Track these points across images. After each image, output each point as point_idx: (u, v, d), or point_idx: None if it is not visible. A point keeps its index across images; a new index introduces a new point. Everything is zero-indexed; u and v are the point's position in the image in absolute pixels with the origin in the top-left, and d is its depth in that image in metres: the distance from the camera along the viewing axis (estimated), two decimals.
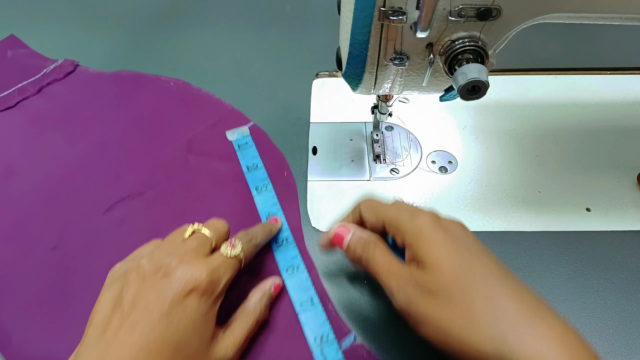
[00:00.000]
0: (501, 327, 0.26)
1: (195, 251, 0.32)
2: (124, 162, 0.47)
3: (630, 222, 0.41)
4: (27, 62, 0.58)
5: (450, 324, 0.27)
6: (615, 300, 0.37)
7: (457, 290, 0.28)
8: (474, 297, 0.27)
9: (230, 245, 0.33)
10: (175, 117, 0.51)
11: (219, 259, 0.32)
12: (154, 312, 0.28)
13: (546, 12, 0.29)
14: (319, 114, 0.51)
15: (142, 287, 0.29)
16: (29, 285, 0.38)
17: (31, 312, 0.37)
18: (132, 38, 0.62)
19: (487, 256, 0.30)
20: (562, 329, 0.27)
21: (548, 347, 0.26)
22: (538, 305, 0.28)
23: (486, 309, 0.27)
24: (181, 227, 0.35)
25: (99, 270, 0.38)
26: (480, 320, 0.27)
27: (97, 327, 0.29)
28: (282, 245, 0.40)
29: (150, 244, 0.35)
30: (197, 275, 0.30)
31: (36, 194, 0.45)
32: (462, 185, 0.44)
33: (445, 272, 0.28)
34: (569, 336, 0.27)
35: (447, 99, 0.34)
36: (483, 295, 0.27)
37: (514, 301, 0.27)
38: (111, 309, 0.29)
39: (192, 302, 0.29)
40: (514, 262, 0.39)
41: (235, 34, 0.62)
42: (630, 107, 0.51)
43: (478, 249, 0.30)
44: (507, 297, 0.28)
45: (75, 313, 0.37)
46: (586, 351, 0.27)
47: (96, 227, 0.42)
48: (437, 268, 0.28)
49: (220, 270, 0.31)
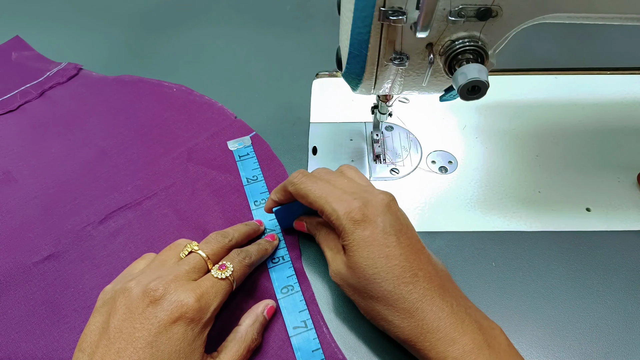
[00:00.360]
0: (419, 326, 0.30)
1: (186, 275, 0.31)
2: (122, 170, 0.46)
3: (630, 222, 0.41)
4: (30, 65, 0.58)
5: (373, 312, 0.31)
6: (615, 300, 0.37)
7: (373, 289, 0.31)
8: (391, 296, 0.30)
9: (221, 267, 0.33)
10: (176, 124, 0.50)
11: (208, 282, 0.31)
12: (139, 341, 0.28)
13: (546, 12, 0.29)
14: (319, 114, 0.51)
15: (128, 314, 0.29)
16: (20, 294, 0.38)
17: (22, 321, 0.36)
18: (134, 38, 0.62)
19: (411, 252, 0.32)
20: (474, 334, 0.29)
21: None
22: (454, 310, 0.30)
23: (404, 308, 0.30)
24: (176, 241, 0.35)
25: (92, 281, 0.39)
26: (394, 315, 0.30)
27: (85, 352, 0.29)
28: (278, 264, 0.39)
29: (143, 259, 0.34)
30: (185, 302, 0.29)
31: (33, 200, 0.44)
32: (462, 185, 0.44)
33: (360, 274, 0.31)
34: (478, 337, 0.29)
35: (447, 99, 0.34)
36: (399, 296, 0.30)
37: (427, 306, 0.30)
38: (98, 335, 0.29)
39: (178, 330, 0.28)
40: (514, 262, 0.39)
41: (236, 33, 0.62)
42: (630, 107, 0.51)
43: (401, 245, 0.31)
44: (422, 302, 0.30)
45: (67, 324, 0.36)
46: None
47: (92, 237, 0.41)
48: (355, 267, 0.31)
49: (209, 295, 0.30)
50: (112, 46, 0.61)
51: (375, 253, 0.31)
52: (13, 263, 0.40)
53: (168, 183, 0.45)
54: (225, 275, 0.32)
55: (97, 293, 0.34)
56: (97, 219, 0.42)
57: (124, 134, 0.50)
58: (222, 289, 0.32)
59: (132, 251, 0.40)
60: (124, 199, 0.44)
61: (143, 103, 0.53)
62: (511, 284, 0.38)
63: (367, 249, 0.31)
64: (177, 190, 0.44)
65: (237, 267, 0.33)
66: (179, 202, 0.43)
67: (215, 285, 0.31)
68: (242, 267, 0.34)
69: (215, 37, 0.61)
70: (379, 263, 0.30)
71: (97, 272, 0.39)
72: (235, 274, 0.33)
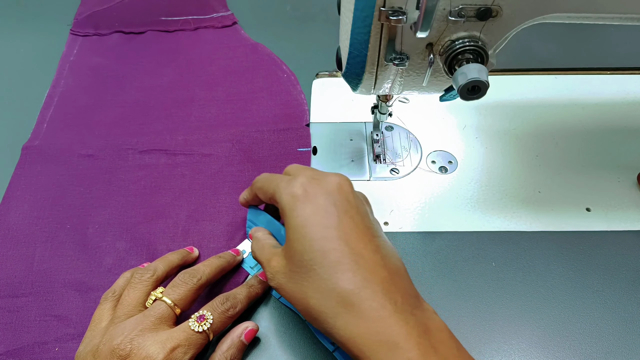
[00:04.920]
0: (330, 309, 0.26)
1: (153, 327, 0.29)
2: (192, 122, 0.49)
3: (630, 222, 0.41)
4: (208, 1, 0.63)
5: (305, 298, 0.28)
6: (615, 300, 0.37)
7: (310, 279, 0.27)
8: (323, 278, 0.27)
9: (200, 318, 0.30)
10: (263, 106, 0.51)
11: (182, 334, 0.29)
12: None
13: (546, 12, 0.29)
14: (319, 114, 0.51)
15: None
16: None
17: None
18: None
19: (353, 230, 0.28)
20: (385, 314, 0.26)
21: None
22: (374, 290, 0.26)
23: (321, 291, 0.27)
24: (127, 275, 0.34)
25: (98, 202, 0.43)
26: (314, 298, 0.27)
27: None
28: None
29: (106, 302, 0.33)
30: (153, 358, 0.28)
31: (126, 107, 0.51)
32: (462, 185, 0.44)
33: (297, 261, 0.28)
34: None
35: (447, 99, 0.34)
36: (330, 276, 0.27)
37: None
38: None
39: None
40: (514, 262, 0.39)
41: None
42: (630, 107, 0.51)
43: (342, 224, 0.28)
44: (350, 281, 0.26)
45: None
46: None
47: (126, 160, 0.46)
48: (292, 255, 0.28)
49: (181, 348, 0.29)
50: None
51: (313, 234, 0.27)
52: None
53: (209, 152, 0.46)
54: (203, 328, 0.30)
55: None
56: (141, 148, 0.47)
57: (220, 96, 0.52)
58: (196, 342, 0.30)
59: (142, 191, 0.44)
60: (169, 144, 0.47)
61: (258, 76, 0.54)
62: (511, 284, 0.38)
63: (305, 230, 0.27)
64: (208, 163, 0.46)
65: (217, 319, 0.31)
66: (201, 174, 0.45)
67: (190, 338, 0.29)
68: (224, 319, 0.32)
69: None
70: (316, 246, 0.27)
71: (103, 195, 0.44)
72: (215, 326, 0.31)
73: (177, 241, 0.40)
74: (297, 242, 0.28)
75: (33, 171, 0.45)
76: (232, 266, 0.37)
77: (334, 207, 0.28)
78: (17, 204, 0.43)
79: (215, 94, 0.52)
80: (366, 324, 0.25)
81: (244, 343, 0.32)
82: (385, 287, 0.26)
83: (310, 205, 0.28)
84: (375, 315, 0.25)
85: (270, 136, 0.48)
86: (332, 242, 0.27)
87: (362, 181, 0.44)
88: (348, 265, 0.26)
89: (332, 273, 0.26)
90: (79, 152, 0.47)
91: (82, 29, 0.60)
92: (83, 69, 0.55)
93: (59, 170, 0.45)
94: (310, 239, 0.27)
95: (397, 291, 0.27)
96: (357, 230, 0.28)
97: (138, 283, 0.32)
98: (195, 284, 0.32)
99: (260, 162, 0.46)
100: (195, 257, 0.38)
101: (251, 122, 0.49)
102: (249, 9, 0.64)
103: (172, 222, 0.41)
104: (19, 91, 0.54)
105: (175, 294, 0.31)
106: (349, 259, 0.27)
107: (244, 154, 0.46)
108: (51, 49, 0.58)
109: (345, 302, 0.26)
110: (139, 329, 0.29)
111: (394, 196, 0.43)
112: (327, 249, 0.27)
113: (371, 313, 0.25)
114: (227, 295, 0.33)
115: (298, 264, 0.28)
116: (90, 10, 0.61)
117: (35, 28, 0.61)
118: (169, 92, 0.52)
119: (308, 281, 0.27)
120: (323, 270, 0.26)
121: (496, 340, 0.35)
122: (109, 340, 0.29)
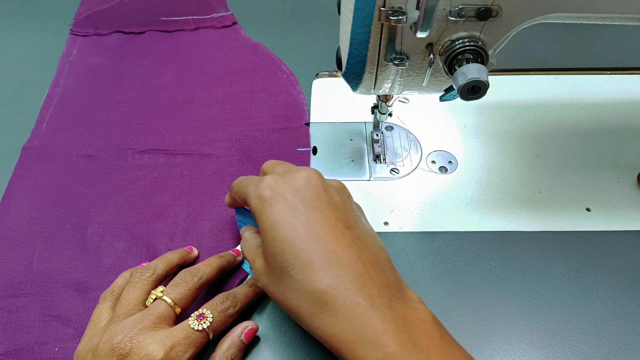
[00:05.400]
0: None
1: (153, 326, 0.29)
2: (190, 122, 0.49)
3: (630, 222, 0.41)
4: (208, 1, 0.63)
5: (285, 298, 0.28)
6: (615, 300, 0.37)
7: (286, 280, 0.27)
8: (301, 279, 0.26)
9: (199, 316, 0.31)
10: (262, 106, 0.51)
11: (182, 333, 0.29)
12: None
13: (546, 12, 0.29)
14: (319, 114, 0.51)
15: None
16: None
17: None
18: None
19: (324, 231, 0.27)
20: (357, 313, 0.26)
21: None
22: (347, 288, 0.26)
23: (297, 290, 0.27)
24: (127, 273, 0.34)
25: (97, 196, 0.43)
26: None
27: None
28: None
29: (105, 301, 0.33)
30: (153, 356, 0.28)
31: (122, 106, 0.51)
32: (462, 185, 0.44)
33: (272, 263, 0.28)
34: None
35: (447, 99, 0.34)
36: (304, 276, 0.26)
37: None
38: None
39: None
40: (514, 262, 0.39)
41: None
42: (630, 107, 0.51)
43: (312, 223, 0.27)
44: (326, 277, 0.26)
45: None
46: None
47: (125, 159, 0.46)
48: (268, 257, 0.28)
49: (180, 347, 0.29)
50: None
51: (283, 236, 0.27)
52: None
53: (208, 151, 0.46)
54: (202, 327, 0.30)
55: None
56: (141, 148, 0.47)
57: (218, 96, 0.52)
58: (196, 341, 0.30)
59: (141, 190, 0.44)
60: (168, 144, 0.47)
61: (258, 76, 0.54)
62: (511, 284, 0.38)
63: (274, 232, 0.27)
64: (207, 163, 0.46)
65: (217, 317, 0.31)
66: (201, 174, 0.45)
67: (190, 337, 0.29)
68: (224, 317, 0.32)
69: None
70: (286, 247, 0.26)
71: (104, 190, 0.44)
72: (214, 325, 0.31)
73: (176, 241, 0.40)
74: (269, 245, 0.28)
75: (32, 171, 0.45)
76: (232, 266, 0.37)
77: (302, 205, 0.28)
78: (16, 204, 0.43)
79: (215, 94, 0.52)
80: (342, 323, 0.25)
81: (244, 342, 0.32)
82: (359, 282, 0.26)
83: (278, 206, 0.28)
84: (350, 313, 0.25)
85: (269, 136, 0.48)
86: (301, 241, 0.26)
87: (362, 181, 0.44)
88: (319, 263, 0.26)
89: (305, 273, 0.26)
90: (78, 152, 0.47)
91: (82, 29, 0.60)
92: (83, 69, 0.55)
93: (59, 170, 0.45)
94: (280, 240, 0.27)
95: (373, 285, 0.26)
96: (328, 226, 0.27)
97: (138, 282, 0.32)
98: (196, 283, 0.32)
99: (260, 161, 0.46)
100: (195, 257, 0.38)
101: (251, 122, 0.49)
102: (249, 9, 0.64)
103: (171, 221, 0.41)
104: (19, 91, 0.54)
105: (175, 293, 0.31)
106: (321, 257, 0.26)
107: (243, 153, 0.46)
108: (51, 49, 0.58)
109: (320, 302, 0.26)
110: (139, 327, 0.29)
111: (394, 196, 0.43)
112: (297, 249, 0.26)
113: (346, 311, 0.25)
114: (227, 294, 0.33)
115: (274, 265, 0.28)
116: (90, 10, 0.61)
117: (35, 28, 0.61)
118: (169, 92, 0.52)
119: (285, 282, 0.27)
120: (295, 271, 0.26)
121: (496, 340, 0.35)
122: (109, 339, 0.29)
